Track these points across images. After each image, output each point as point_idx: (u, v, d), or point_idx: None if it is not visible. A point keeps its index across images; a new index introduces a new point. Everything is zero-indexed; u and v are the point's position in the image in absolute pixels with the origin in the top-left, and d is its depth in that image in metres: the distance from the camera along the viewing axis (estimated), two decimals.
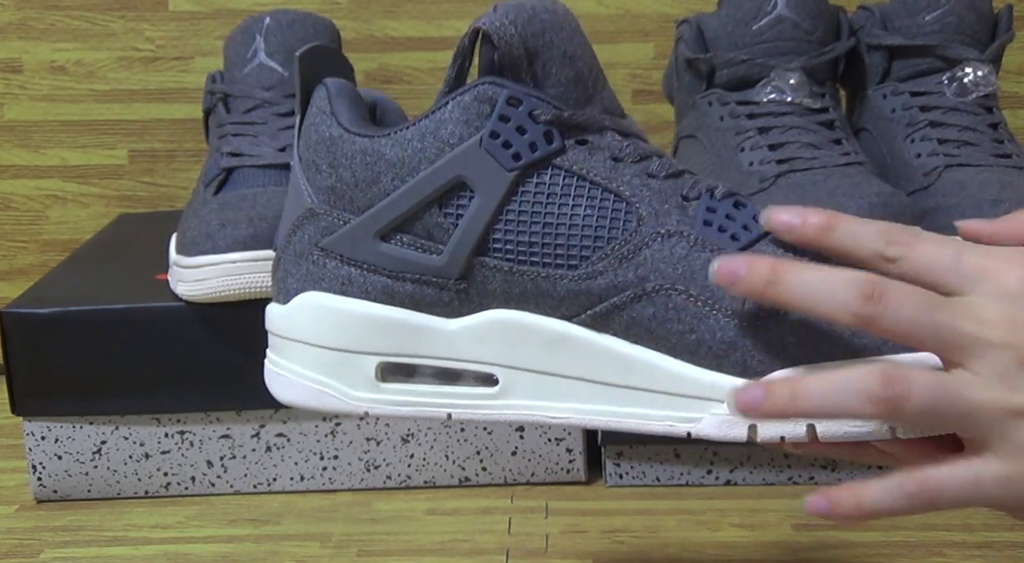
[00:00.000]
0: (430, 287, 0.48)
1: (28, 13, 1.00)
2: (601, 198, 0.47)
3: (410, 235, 0.47)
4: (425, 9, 1.00)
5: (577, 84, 0.47)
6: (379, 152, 0.47)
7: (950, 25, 0.78)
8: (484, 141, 0.46)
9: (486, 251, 0.47)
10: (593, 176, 0.47)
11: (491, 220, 0.47)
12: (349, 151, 0.48)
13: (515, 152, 0.46)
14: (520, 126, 0.46)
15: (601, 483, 0.77)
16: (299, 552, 0.69)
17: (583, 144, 0.47)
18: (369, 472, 0.77)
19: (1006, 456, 0.41)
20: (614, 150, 0.47)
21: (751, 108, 0.77)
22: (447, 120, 0.47)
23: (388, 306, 0.48)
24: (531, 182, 0.47)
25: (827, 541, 0.68)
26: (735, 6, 0.79)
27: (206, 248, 0.70)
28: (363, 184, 0.48)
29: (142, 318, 0.73)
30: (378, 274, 0.48)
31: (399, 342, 0.48)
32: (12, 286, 1.03)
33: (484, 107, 0.46)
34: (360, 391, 0.49)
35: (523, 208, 0.47)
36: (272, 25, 0.82)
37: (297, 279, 0.50)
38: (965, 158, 0.75)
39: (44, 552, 0.70)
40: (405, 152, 0.47)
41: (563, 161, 0.47)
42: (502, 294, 0.47)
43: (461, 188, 0.47)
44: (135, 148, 1.02)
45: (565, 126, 0.47)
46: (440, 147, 0.46)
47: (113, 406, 0.75)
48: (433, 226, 0.47)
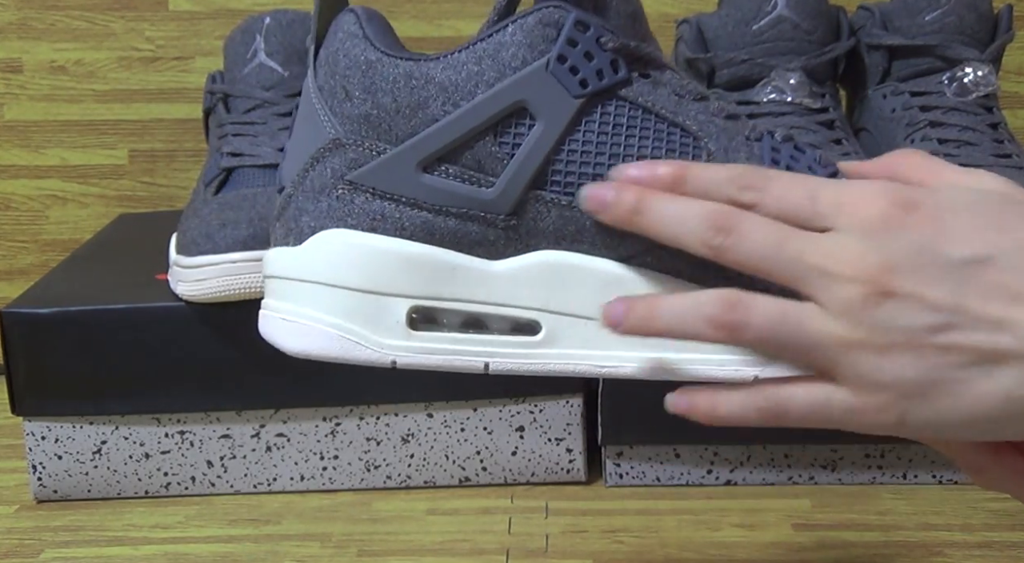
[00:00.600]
0: (476, 223, 0.45)
1: (28, 13, 1.00)
2: (668, 132, 0.45)
3: (457, 166, 0.44)
4: (425, 9, 1.00)
5: (635, 20, 0.46)
6: (428, 75, 0.44)
7: (950, 25, 0.78)
8: (551, 64, 0.44)
9: (543, 184, 0.44)
10: (659, 109, 0.45)
11: (553, 149, 0.44)
12: (390, 74, 0.44)
13: (582, 78, 0.44)
14: (588, 52, 0.44)
15: (601, 483, 0.77)
16: (299, 552, 0.69)
17: (646, 78, 0.45)
18: (369, 472, 0.77)
19: (851, 387, 0.41)
20: (676, 87, 0.45)
21: (751, 108, 0.77)
22: (508, 43, 0.44)
23: (426, 245, 0.45)
24: (596, 112, 0.44)
25: (827, 541, 0.68)
26: (735, 6, 0.79)
27: (206, 248, 0.70)
28: (406, 110, 0.44)
29: (142, 318, 0.73)
30: (417, 208, 0.45)
31: (436, 284, 0.45)
32: (12, 286, 1.03)
33: (550, 31, 0.44)
34: (389, 338, 0.45)
35: (587, 138, 0.44)
36: (272, 25, 0.82)
37: (315, 216, 0.46)
38: (965, 158, 0.75)
39: (44, 552, 0.70)
40: (459, 75, 0.44)
41: (629, 92, 0.45)
42: (555, 233, 0.45)
43: (521, 115, 0.44)
44: (135, 148, 1.02)
45: (631, 56, 0.45)
46: (500, 70, 0.44)
47: (113, 406, 0.75)
48: (485, 156, 0.44)
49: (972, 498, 0.73)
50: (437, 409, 0.75)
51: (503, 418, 0.75)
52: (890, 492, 0.74)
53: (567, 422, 0.75)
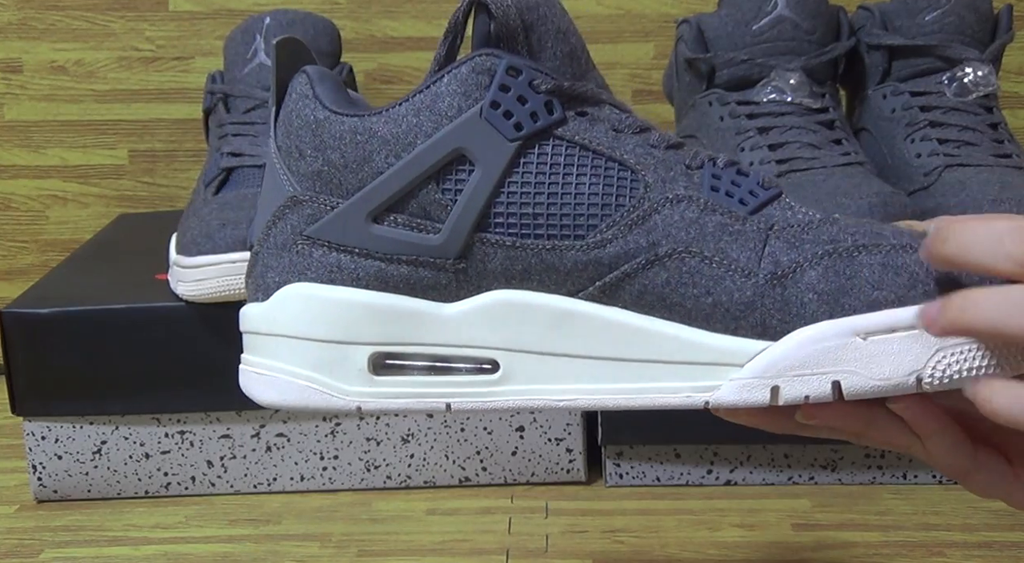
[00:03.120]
0: (427, 269, 0.46)
1: (28, 13, 1.00)
2: (606, 167, 0.46)
3: (405, 215, 0.46)
4: (425, 9, 1.00)
5: (572, 59, 0.47)
6: (371, 129, 0.46)
7: (950, 25, 0.78)
8: (485, 111, 0.45)
9: (487, 226, 0.46)
10: (596, 146, 0.46)
11: (493, 193, 0.45)
12: (337, 132, 0.46)
13: (516, 122, 0.45)
14: (521, 96, 0.45)
15: (601, 483, 0.77)
16: (299, 552, 0.69)
17: (583, 115, 0.46)
18: (369, 472, 0.77)
19: None
20: (614, 122, 0.47)
21: (751, 108, 0.77)
22: (444, 93, 0.45)
23: (381, 292, 0.46)
24: (533, 153, 0.46)
25: (827, 541, 0.68)
26: (735, 6, 0.79)
27: (206, 248, 0.70)
28: (353, 164, 0.46)
29: (142, 318, 0.73)
30: (370, 258, 0.46)
31: (393, 329, 0.46)
32: (12, 286, 1.03)
33: (482, 78, 0.45)
34: (352, 385, 0.47)
35: (526, 179, 0.45)
36: (272, 25, 0.82)
37: (278, 272, 0.48)
38: (965, 158, 0.75)
39: (44, 552, 0.70)
40: (399, 128, 0.46)
41: (565, 132, 0.46)
42: (503, 272, 0.46)
43: (460, 161, 0.45)
44: (135, 148, 1.02)
45: (565, 96, 0.46)
46: (437, 120, 0.45)
47: (113, 406, 0.75)
48: (430, 203, 0.46)
49: (972, 498, 0.73)
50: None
51: (503, 418, 0.75)
52: (890, 492, 0.74)
53: (567, 422, 0.75)
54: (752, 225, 0.45)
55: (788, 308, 0.44)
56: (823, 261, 0.44)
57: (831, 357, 0.44)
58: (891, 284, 0.44)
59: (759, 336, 0.44)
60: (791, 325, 0.44)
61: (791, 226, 0.45)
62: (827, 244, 0.45)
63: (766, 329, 0.44)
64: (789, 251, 0.45)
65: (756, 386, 0.44)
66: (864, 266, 0.44)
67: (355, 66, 0.92)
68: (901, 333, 0.43)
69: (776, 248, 0.45)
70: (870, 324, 0.43)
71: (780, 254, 0.45)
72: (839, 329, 0.44)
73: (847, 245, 0.44)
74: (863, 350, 0.43)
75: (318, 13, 0.86)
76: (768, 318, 0.44)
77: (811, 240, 0.45)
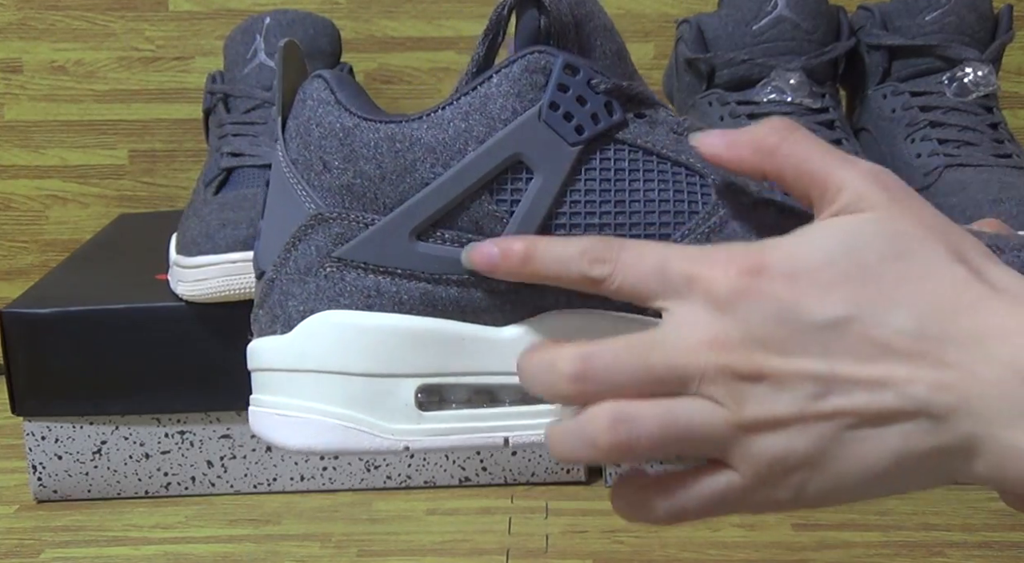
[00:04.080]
0: (479, 289, 0.42)
1: (28, 13, 1.00)
2: (673, 172, 0.42)
3: (454, 230, 0.41)
4: (425, 9, 1.00)
5: (621, 58, 0.44)
6: (412, 136, 0.41)
7: (950, 25, 0.78)
8: (544, 112, 0.41)
9: None
10: (660, 149, 0.42)
11: (555, 202, 0.41)
12: (371, 140, 0.42)
13: (577, 124, 0.41)
14: (580, 96, 0.42)
15: (601, 483, 0.77)
16: (299, 552, 0.69)
17: (641, 117, 0.43)
18: (369, 472, 0.77)
19: (744, 470, 0.38)
20: (672, 124, 0.43)
21: (751, 108, 0.77)
22: (495, 94, 0.41)
23: (427, 317, 0.42)
24: (595, 158, 0.42)
25: (827, 541, 0.68)
26: (735, 6, 0.79)
27: (206, 248, 0.70)
28: (392, 176, 0.41)
29: (142, 318, 0.73)
30: (414, 280, 0.42)
31: (443, 358, 0.42)
32: (12, 286, 1.03)
33: (537, 77, 0.41)
34: (398, 423, 0.42)
35: (589, 187, 0.42)
36: (272, 25, 0.82)
37: (303, 300, 0.43)
38: (965, 158, 0.75)
39: (44, 552, 0.70)
40: (446, 133, 0.41)
41: (626, 135, 0.42)
42: (565, 290, 0.41)
43: (517, 169, 0.41)
44: (135, 148, 1.02)
45: (624, 97, 0.43)
46: (490, 124, 0.41)
47: (113, 406, 0.75)
48: (483, 216, 0.41)
49: (972, 498, 0.73)
50: None
51: None
52: None
53: None
54: None
55: None
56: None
57: None
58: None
59: None
60: None
61: None
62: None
63: None
64: None
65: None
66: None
67: (355, 66, 0.92)
68: None
69: None
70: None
71: None
72: None
73: None
74: None
75: (318, 13, 0.86)
76: None
77: None
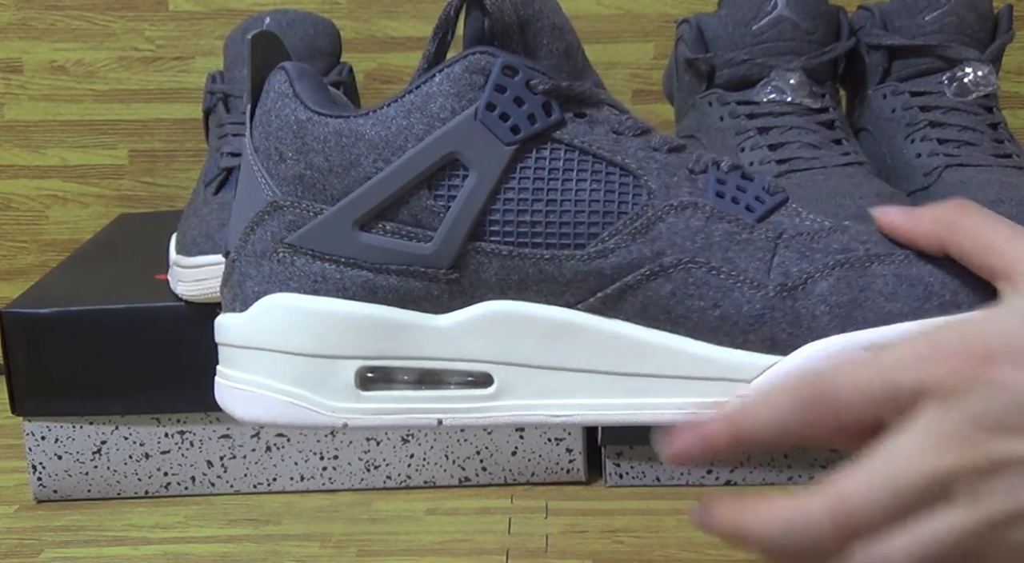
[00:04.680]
0: (417, 279, 0.44)
1: (28, 13, 1.00)
2: (607, 172, 0.44)
3: (394, 222, 0.44)
4: (425, 9, 1.00)
5: (568, 57, 0.45)
6: (358, 132, 0.44)
7: (950, 25, 0.78)
8: (480, 113, 0.43)
9: (482, 235, 0.43)
10: (596, 149, 0.44)
11: (488, 199, 0.43)
12: (321, 134, 0.44)
13: (513, 125, 0.43)
14: (517, 97, 0.43)
15: (601, 483, 0.77)
16: (299, 552, 0.69)
17: (582, 117, 0.44)
18: (369, 472, 0.77)
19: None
20: (614, 124, 0.45)
21: (751, 108, 0.77)
22: (436, 93, 0.43)
23: (368, 303, 0.44)
24: (530, 157, 0.43)
25: None
26: (735, 6, 0.79)
27: (206, 248, 0.70)
28: (339, 169, 0.44)
29: (142, 318, 0.73)
30: (357, 268, 0.44)
31: (381, 343, 0.44)
32: (12, 286, 1.03)
33: (477, 78, 0.43)
34: (338, 401, 0.45)
35: (523, 185, 0.43)
36: (272, 25, 0.82)
37: (258, 282, 0.45)
38: (965, 158, 0.75)
39: (44, 552, 0.70)
40: (388, 130, 0.43)
41: (563, 134, 0.44)
42: (498, 283, 0.44)
43: (453, 166, 0.43)
44: (135, 148, 1.02)
45: (563, 97, 0.44)
46: (429, 122, 0.43)
47: (113, 406, 0.75)
48: (421, 210, 0.43)
49: None
50: None
51: None
52: None
53: None
54: (760, 233, 0.44)
55: (799, 321, 0.43)
56: (835, 272, 0.43)
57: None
58: (905, 296, 0.42)
59: (768, 350, 0.43)
60: (801, 339, 0.43)
61: (800, 234, 0.44)
62: (838, 254, 0.43)
63: (776, 343, 0.43)
64: (799, 261, 0.43)
65: None
66: (877, 277, 0.42)
67: (355, 66, 0.92)
68: None
69: (786, 258, 0.43)
70: (883, 338, 0.41)
71: (790, 264, 0.43)
72: (851, 344, 0.42)
73: (859, 255, 0.43)
74: None
75: (318, 13, 0.86)
76: (778, 332, 0.43)
77: (822, 249, 0.43)
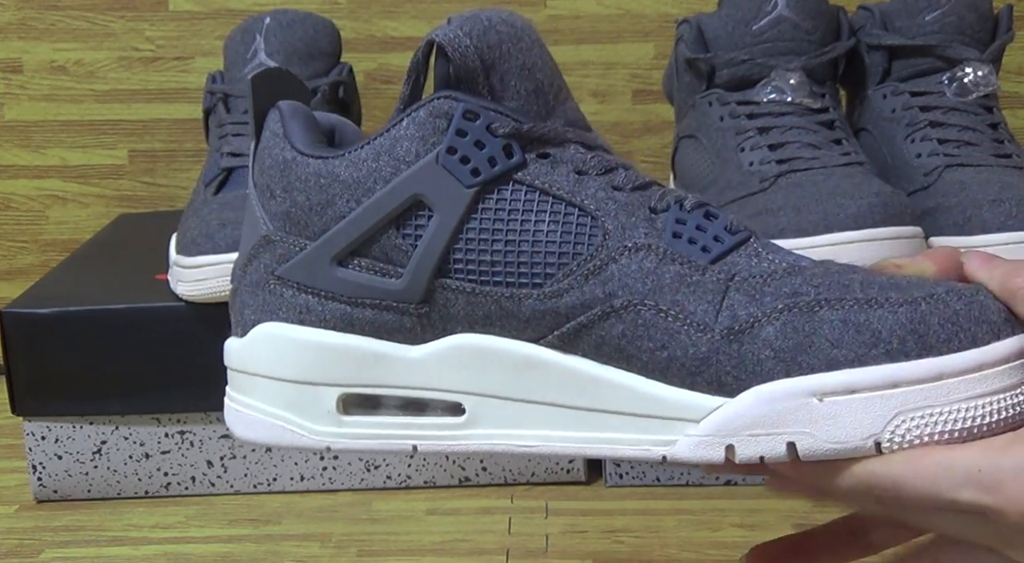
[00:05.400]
0: (390, 312, 0.46)
1: (28, 13, 1.00)
2: (565, 212, 0.45)
3: (368, 259, 0.46)
4: (425, 9, 1.00)
5: (537, 96, 0.46)
6: (333, 173, 0.46)
7: (950, 25, 0.78)
8: (441, 157, 0.45)
9: (447, 272, 0.45)
10: (556, 190, 0.45)
11: (451, 239, 0.45)
12: (303, 174, 0.46)
13: (473, 167, 0.45)
14: (478, 140, 0.45)
15: (601, 483, 0.77)
16: (299, 552, 0.69)
17: (545, 157, 0.45)
18: (369, 472, 0.77)
19: None
20: (577, 163, 0.46)
21: (751, 108, 0.77)
22: (402, 137, 0.45)
23: (347, 334, 0.47)
24: (491, 198, 0.45)
25: None
26: (735, 6, 0.79)
27: (206, 248, 0.70)
28: (317, 207, 0.46)
29: (142, 318, 0.73)
30: (336, 301, 0.46)
31: (360, 372, 0.46)
32: (12, 286, 1.03)
33: (440, 122, 0.45)
34: (321, 425, 0.47)
35: (484, 226, 0.45)
36: (272, 25, 0.82)
37: (254, 310, 0.48)
38: (965, 158, 0.75)
39: (44, 552, 0.70)
40: (360, 172, 0.45)
41: (524, 176, 0.45)
42: (466, 317, 0.46)
43: (419, 207, 0.45)
44: (135, 148, 1.02)
45: (525, 139, 0.45)
46: (396, 165, 0.45)
47: (113, 406, 0.75)
48: (391, 248, 0.45)
49: None
50: None
51: None
52: None
53: None
54: (712, 275, 0.44)
55: (744, 365, 0.43)
56: (782, 316, 0.42)
57: (786, 418, 0.42)
58: (851, 342, 0.42)
59: (715, 392, 0.43)
60: (747, 382, 0.43)
61: (753, 277, 0.44)
62: (788, 297, 0.43)
63: (722, 385, 0.43)
64: (748, 305, 0.43)
65: (711, 444, 0.43)
66: (824, 322, 0.42)
67: (355, 66, 0.92)
68: (861, 394, 0.41)
69: (735, 301, 0.43)
70: (827, 384, 0.42)
71: (739, 308, 0.43)
72: (795, 389, 0.42)
73: (808, 299, 0.43)
74: (819, 411, 0.42)
75: (318, 13, 0.86)
76: (724, 375, 0.43)
77: (772, 293, 0.43)
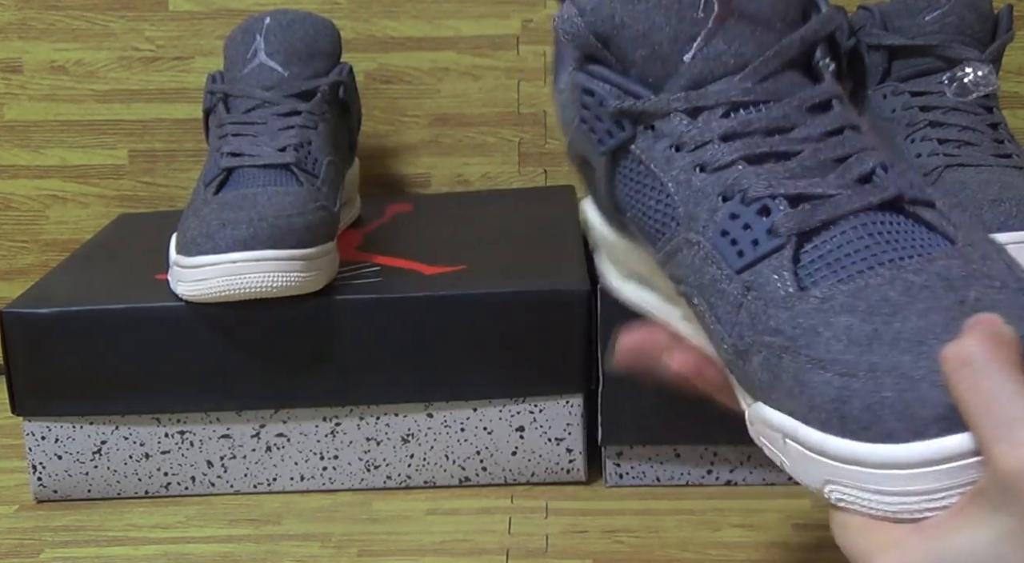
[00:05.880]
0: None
1: (28, 13, 0.99)
2: (660, 189, 0.47)
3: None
4: (425, 9, 1.00)
5: (652, 62, 0.46)
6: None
7: (950, 25, 0.78)
8: (577, 126, 0.49)
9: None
10: (654, 166, 0.47)
11: (607, 191, 0.50)
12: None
13: (599, 138, 0.48)
14: (598, 115, 0.48)
15: (601, 483, 0.77)
16: (299, 552, 0.69)
17: (651, 129, 0.47)
18: (369, 472, 0.77)
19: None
20: (676, 136, 0.46)
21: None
22: (566, 103, 0.51)
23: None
24: (622, 164, 0.48)
25: (827, 541, 0.68)
26: None
27: (206, 248, 0.70)
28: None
29: (142, 318, 0.73)
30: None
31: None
32: (12, 286, 1.03)
33: (576, 93, 0.49)
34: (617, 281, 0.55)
35: (620, 187, 0.49)
36: (272, 25, 0.82)
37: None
38: (965, 158, 0.75)
39: (44, 552, 0.70)
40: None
41: (635, 148, 0.48)
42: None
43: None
44: (135, 148, 1.02)
45: (629, 115, 0.47)
46: (571, 119, 0.51)
47: (113, 406, 0.75)
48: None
49: None
50: (437, 409, 0.75)
51: (503, 418, 0.75)
52: None
53: (567, 422, 0.75)
54: (735, 287, 0.44)
55: (749, 379, 0.45)
56: (763, 351, 0.43)
57: (772, 440, 0.44)
58: (799, 398, 0.42)
59: (744, 388, 0.46)
60: (752, 394, 0.45)
61: (759, 299, 0.43)
62: (770, 334, 0.43)
63: (744, 387, 0.46)
64: (747, 328, 0.44)
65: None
66: (785, 371, 0.42)
67: (355, 66, 0.92)
68: (804, 450, 0.42)
69: (742, 320, 0.44)
70: (786, 429, 0.43)
71: (744, 328, 0.44)
72: (771, 421, 0.44)
73: (779, 342, 0.42)
74: (785, 448, 0.43)
75: (318, 13, 0.86)
76: (741, 380, 0.46)
77: (763, 324, 0.43)
